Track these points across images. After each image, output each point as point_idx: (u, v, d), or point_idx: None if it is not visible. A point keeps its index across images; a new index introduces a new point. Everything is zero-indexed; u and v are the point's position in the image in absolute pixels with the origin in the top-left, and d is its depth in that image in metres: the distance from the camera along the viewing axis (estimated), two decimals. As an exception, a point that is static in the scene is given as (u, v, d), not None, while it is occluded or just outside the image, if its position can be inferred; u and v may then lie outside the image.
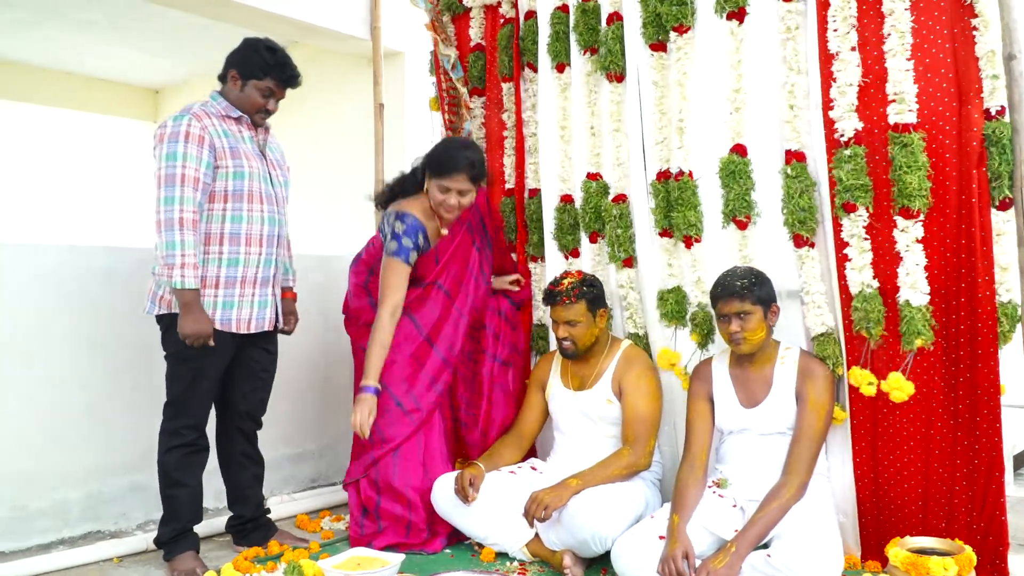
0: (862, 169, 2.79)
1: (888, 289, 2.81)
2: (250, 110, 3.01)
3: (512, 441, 3.26)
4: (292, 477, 4.02)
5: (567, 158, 3.59)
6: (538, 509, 2.80)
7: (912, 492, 2.82)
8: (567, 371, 3.26)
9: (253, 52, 2.98)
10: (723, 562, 2.47)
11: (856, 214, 2.81)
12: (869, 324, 2.79)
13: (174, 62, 6.62)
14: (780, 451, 2.77)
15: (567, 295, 3.08)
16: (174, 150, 2.80)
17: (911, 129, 2.72)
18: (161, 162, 2.81)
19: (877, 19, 2.81)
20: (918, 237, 2.73)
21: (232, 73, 2.99)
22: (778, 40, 3.00)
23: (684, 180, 3.17)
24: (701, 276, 3.17)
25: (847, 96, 2.83)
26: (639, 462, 3.01)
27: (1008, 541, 2.68)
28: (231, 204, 2.93)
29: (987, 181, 2.67)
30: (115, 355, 3.44)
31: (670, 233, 3.25)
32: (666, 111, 3.26)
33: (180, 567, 2.90)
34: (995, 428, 2.67)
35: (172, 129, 2.82)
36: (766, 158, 3.04)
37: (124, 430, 3.45)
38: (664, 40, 3.26)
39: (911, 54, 2.74)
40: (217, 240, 2.93)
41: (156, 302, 2.94)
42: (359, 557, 2.76)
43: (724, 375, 2.92)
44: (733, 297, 2.75)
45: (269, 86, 3.00)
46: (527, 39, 3.75)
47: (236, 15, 4.28)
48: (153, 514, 3.52)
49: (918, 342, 2.72)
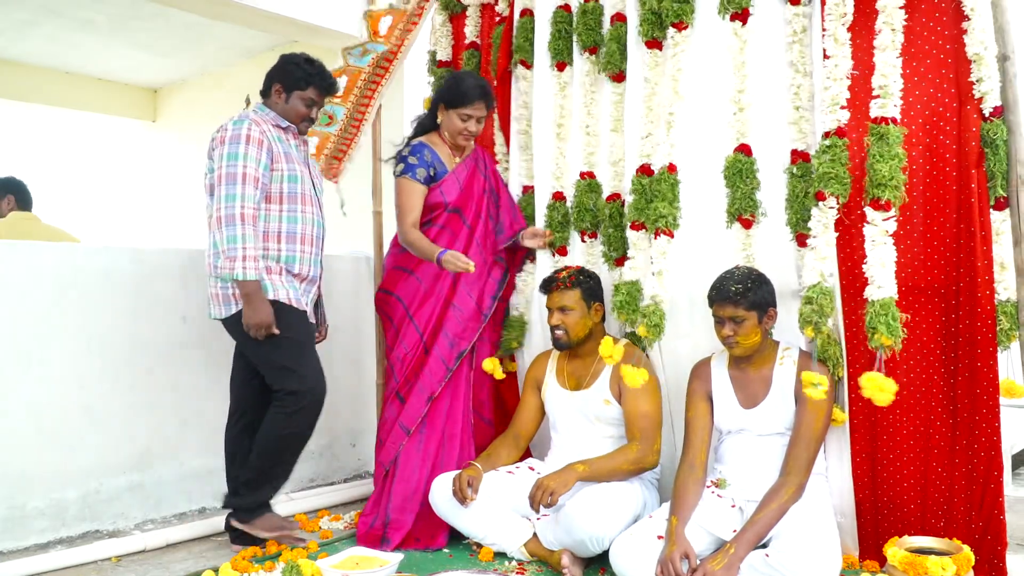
0: (838, 160, 2.77)
1: (857, 285, 2.79)
2: (295, 119, 3.16)
3: (509, 441, 3.26)
4: (292, 476, 3.99)
5: (562, 156, 3.60)
6: (544, 495, 2.80)
7: (910, 492, 2.82)
8: (563, 370, 3.25)
9: (294, 66, 3.13)
10: (721, 563, 2.47)
11: (826, 204, 2.78)
12: (818, 319, 2.72)
13: (173, 62, 6.62)
14: (779, 451, 2.77)
15: (563, 281, 3.14)
16: (235, 151, 2.94)
17: (889, 122, 2.71)
18: (223, 161, 2.94)
19: (871, 16, 2.81)
20: (888, 231, 2.71)
21: (276, 87, 3.14)
22: (784, 42, 3.00)
23: (662, 173, 3.16)
24: (663, 269, 3.12)
25: (831, 90, 2.81)
26: (647, 459, 3.00)
27: (1006, 541, 2.68)
28: (287, 205, 3.08)
29: (985, 181, 2.68)
30: (113, 355, 3.44)
31: (642, 226, 3.22)
32: (654, 107, 3.26)
33: (269, 524, 3.05)
34: (994, 427, 2.67)
35: (233, 132, 2.97)
36: (769, 158, 3.04)
37: (122, 429, 3.45)
38: (660, 38, 3.26)
39: (901, 51, 2.75)
40: (275, 238, 3.06)
41: (230, 302, 3.00)
42: (358, 557, 2.76)
43: (723, 375, 2.92)
44: (727, 302, 2.75)
45: (311, 96, 3.15)
46: (521, 36, 3.76)
47: (235, 15, 4.28)
48: (151, 513, 3.53)
49: (883, 340, 2.62)
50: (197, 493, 3.70)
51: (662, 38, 3.26)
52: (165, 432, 3.61)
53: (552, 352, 3.34)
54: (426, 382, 3.29)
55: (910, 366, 2.80)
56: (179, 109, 7.27)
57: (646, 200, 3.21)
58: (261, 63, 6.12)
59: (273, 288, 3.01)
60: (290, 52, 3.27)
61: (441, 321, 3.34)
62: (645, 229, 3.22)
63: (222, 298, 3.03)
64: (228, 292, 3.01)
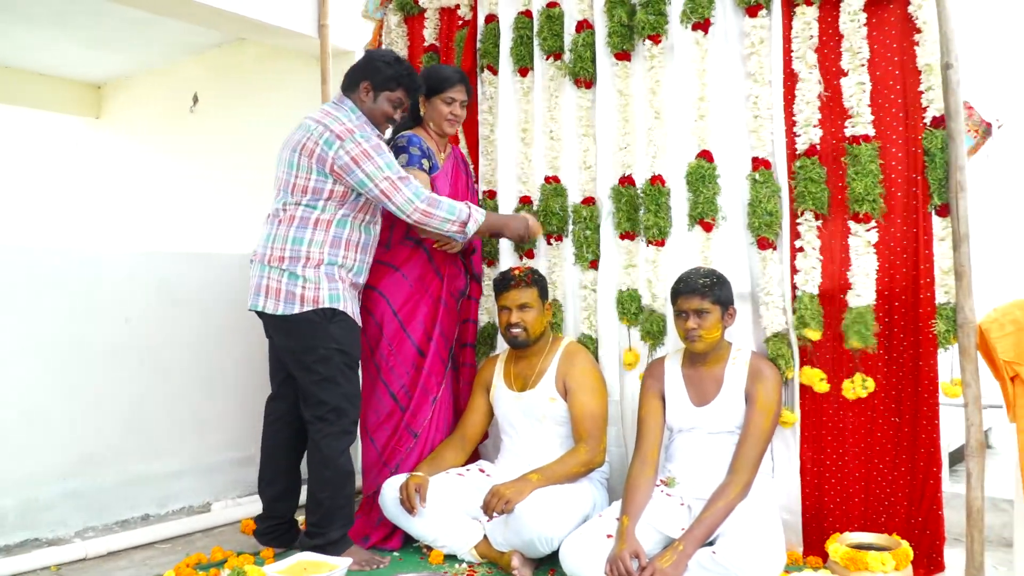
0: (812, 178, 2.89)
1: (836, 292, 2.89)
2: (380, 120, 3.09)
3: (455, 443, 3.24)
4: (238, 481, 3.95)
5: (527, 160, 3.62)
6: (499, 503, 2.80)
7: (854, 489, 2.89)
8: (510, 372, 3.26)
9: (384, 64, 3.05)
10: (670, 561, 2.49)
11: (804, 219, 2.92)
12: (802, 327, 2.88)
13: (118, 57, 6.47)
14: (728, 450, 2.80)
15: (521, 279, 3.14)
16: (365, 132, 2.93)
17: (860, 141, 2.82)
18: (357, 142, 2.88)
19: (836, 37, 2.92)
20: (870, 241, 2.83)
21: (365, 85, 3.05)
22: (743, 53, 3.08)
23: (646, 184, 3.24)
24: (651, 279, 3.21)
25: (804, 112, 2.94)
26: (595, 459, 3.04)
27: (944, 535, 2.75)
28: (364, 215, 3.03)
29: (927, 188, 2.75)
30: (51, 358, 3.36)
31: (632, 235, 3.30)
32: (629, 118, 3.33)
33: (360, 557, 2.92)
34: (934, 426, 2.75)
35: (357, 122, 2.95)
36: (730, 164, 3.11)
37: (61, 435, 3.37)
38: (628, 50, 3.34)
39: (865, 70, 2.85)
40: (351, 247, 3.00)
41: (298, 301, 2.89)
42: (306, 562, 2.73)
43: (676, 373, 2.95)
44: (695, 294, 2.78)
45: (400, 96, 3.09)
46: (488, 41, 3.77)
47: (182, 10, 4.20)
48: (92, 521, 3.45)
49: (858, 343, 2.81)
50: (140, 500, 3.63)
51: (631, 50, 3.34)
52: (107, 437, 3.53)
53: (501, 355, 3.35)
54: (428, 383, 3.26)
55: (856, 366, 2.87)
56: (124, 106, 7.12)
57: (632, 209, 3.28)
58: (208, 60, 6.10)
59: (342, 300, 2.92)
60: (375, 49, 3.26)
61: (435, 319, 3.29)
62: (633, 239, 3.30)
63: (284, 295, 2.89)
64: (295, 290, 2.89)
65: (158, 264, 3.79)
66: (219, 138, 6.00)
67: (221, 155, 5.98)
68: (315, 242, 2.90)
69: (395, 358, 3.22)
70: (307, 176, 2.91)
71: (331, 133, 2.88)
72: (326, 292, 2.89)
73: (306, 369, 2.91)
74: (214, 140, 6.05)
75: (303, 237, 2.90)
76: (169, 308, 3.76)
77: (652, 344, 3.23)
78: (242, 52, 5.84)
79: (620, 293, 3.32)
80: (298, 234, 2.90)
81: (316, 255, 2.90)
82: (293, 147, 2.95)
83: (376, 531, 3.14)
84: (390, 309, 3.22)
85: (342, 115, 2.96)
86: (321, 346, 2.89)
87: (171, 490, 3.74)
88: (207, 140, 6.12)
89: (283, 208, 2.95)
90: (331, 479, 2.91)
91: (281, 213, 2.95)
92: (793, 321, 2.93)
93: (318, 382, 2.90)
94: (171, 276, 3.80)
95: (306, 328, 2.89)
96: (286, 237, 2.90)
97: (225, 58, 6.00)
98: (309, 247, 2.90)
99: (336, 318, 2.91)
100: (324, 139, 2.88)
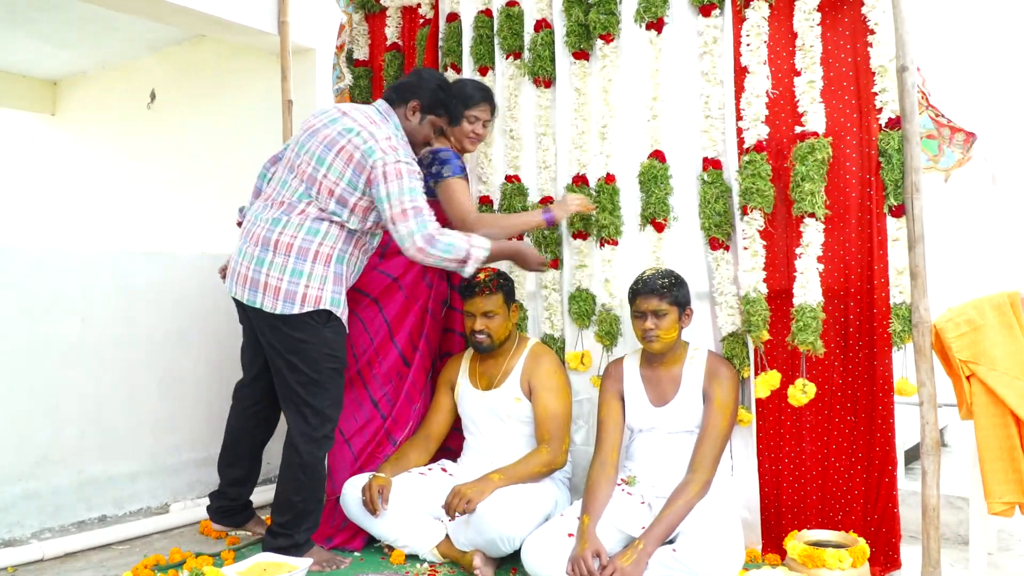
0: (759, 175, 2.90)
1: (782, 291, 2.91)
2: (418, 142, 3.04)
3: (419, 443, 3.23)
4: (197, 482, 3.91)
5: (487, 160, 3.63)
6: (460, 503, 2.80)
7: (811, 487, 2.92)
8: (475, 371, 3.26)
9: (438, 88, 3.01)
10: (631, 559, 2.51)
11: (750, 217, 2.93)
12: (752, 328, 2.90)
13: (74, 54, 6.37)
14: (687, 449, 2.83)
15: (486, 286, 3.11)
16: (409, 152, 2.86)
17: (808, 138, 2.84)
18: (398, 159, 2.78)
19: (788, 35, 2.94)
20: (817, 241, 2.84)
21: (414, 104, 2.99)
22: (696, 52, 3.10)
23: (601, 183, 3.26)
24: (609, 278, 3.23)
25: (753, 106, 2.95)
26: (557, 460, 3.05)
27: (900, 533, 2.79)
28: (380, 228, 2.97)
29: (882, 189, 2.79)
30: (7, 358, 3.29)
31: (585, 235, 3.31)
32: (587, 117, 3.35)
33: (320, 557, 2.91)
34: (889, 424, 2.79)
35: (400, 141, 2.89)
36: (682, 165, 3.14)
37: (15, 436, 3.31)
38: (587, 49, 3.35)
39: (818, 68, 2.87)
40: (360, 250, 2.97)
41: (299, 301, 2.80)
42: (265, 563, 2.71)
43: (635, 374, 2.97)
44: (653, 294, 2.81)
45: (443, 124, 3.07)
46: (450, 40, 3.77)
47: (139, 7, 4.15)
48: (48, 522, 3.39)
49: (802, 347, 2.82)
50: (97, 500, 3.57)
51: (589, 49, 3.35)
52: (64, 437, 3.47)
53: (466, 353, 3.35)
54: (411, 392, 3.26)
55: (811, 364, 2.90)
56: (80, 103, 7.01)
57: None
58: (167, 57, 6.02)
59: (341, 305, 2.88)
60: (427, 69, 3.27)
61: (421, 329, 3.30)
62: (585, 238, 3.31)
63: (284, 293, 2.80)
64: (296, 289, 2.80)
65: (116, 262, 3.73)
66: (178, 136, 5.93)
67: (180, 153, 5.91)
68: (330, 235, 2.84)
69: (380, 366, 3.21)
70: (337, 181, 2.82)
71: (375, 142, 2.80)
72: (329, 293, 2.84)
73: (293, 369, 2.86)
74: (173, 137, 5.97)
75: (319, 229, 2.83)
76: (127, 307, 3.71)
77: (607, 345, 3.25)
78: (201, 49, 5.77)
79: (571, 294, 3.34)
80: (314, 225, 2.83)
81: (327, 251, 2.84)
82: (328, 144, 2.85)
83: (340, 533, 3.12)
84: (381, 317, 3.23)
85: (389, 129, 2.90)
86: (313, 349, 2.84)
87: (129, 491, 3.69)
88: (166, 137, 6.04)
89: (301, 202, 2.86)
90: (306, 484, 2.88)
91: (298, 205, 2.86)
92: (740, 322, 2.96)
93: (304, 384, 2.86)
94: (129, 275, 3.74)
95: (301, 329, 2.83)
96: (299, 226, 2.82)
97: (184, 55, 5.92)
98: (323, 239, 2.83)
99: (331, 321, 2.87)
100: (367, 147, 2.79)
